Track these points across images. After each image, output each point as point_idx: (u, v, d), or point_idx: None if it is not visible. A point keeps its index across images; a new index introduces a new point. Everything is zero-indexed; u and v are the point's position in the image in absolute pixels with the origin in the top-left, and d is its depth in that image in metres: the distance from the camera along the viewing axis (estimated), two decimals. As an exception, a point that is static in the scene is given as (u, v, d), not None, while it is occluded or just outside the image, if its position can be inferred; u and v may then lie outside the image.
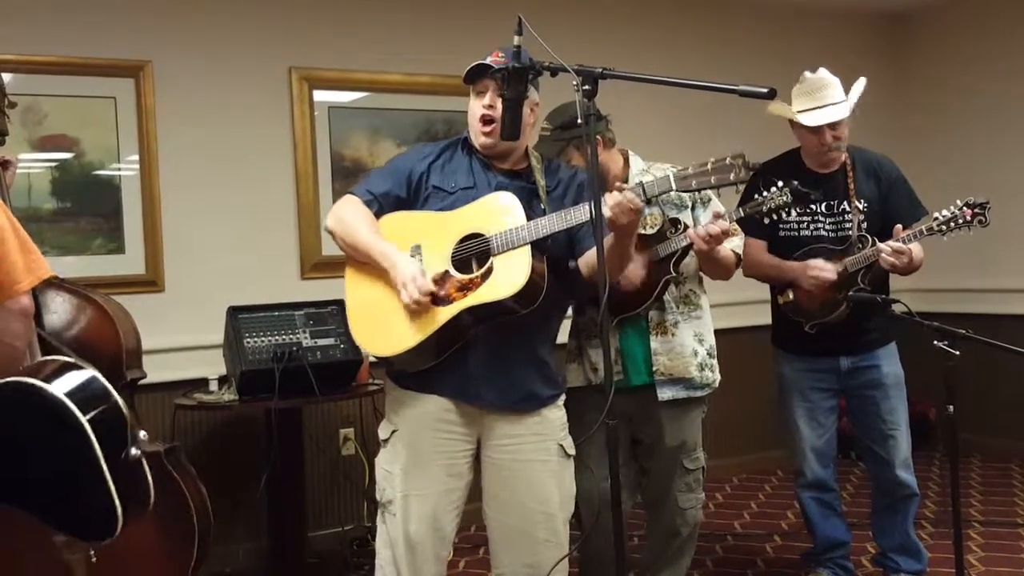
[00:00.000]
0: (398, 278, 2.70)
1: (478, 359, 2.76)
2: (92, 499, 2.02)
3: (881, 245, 3.55)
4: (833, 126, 3.66)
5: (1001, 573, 4.15)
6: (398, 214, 2.86)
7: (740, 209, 3.22)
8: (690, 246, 3.19)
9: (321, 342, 4.06)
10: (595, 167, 2.36)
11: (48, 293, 3.19)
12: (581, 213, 2.65)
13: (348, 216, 2.83)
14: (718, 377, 3.43)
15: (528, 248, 2.67)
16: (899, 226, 3.57)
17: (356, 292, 2.88)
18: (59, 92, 4.29)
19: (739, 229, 3.37)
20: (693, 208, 3.38)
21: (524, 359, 2.82)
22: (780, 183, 3.10)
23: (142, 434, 2.14)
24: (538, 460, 2.83)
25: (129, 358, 3.29)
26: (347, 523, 4.71)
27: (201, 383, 4.26)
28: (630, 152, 3.44)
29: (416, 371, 2.80)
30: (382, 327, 2.79)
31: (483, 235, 2.73)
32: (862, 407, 3.87)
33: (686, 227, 3.22)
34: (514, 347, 2.79)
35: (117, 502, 2.01)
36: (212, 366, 4.25)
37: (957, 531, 3.09)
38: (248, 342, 3.96)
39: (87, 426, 1.99)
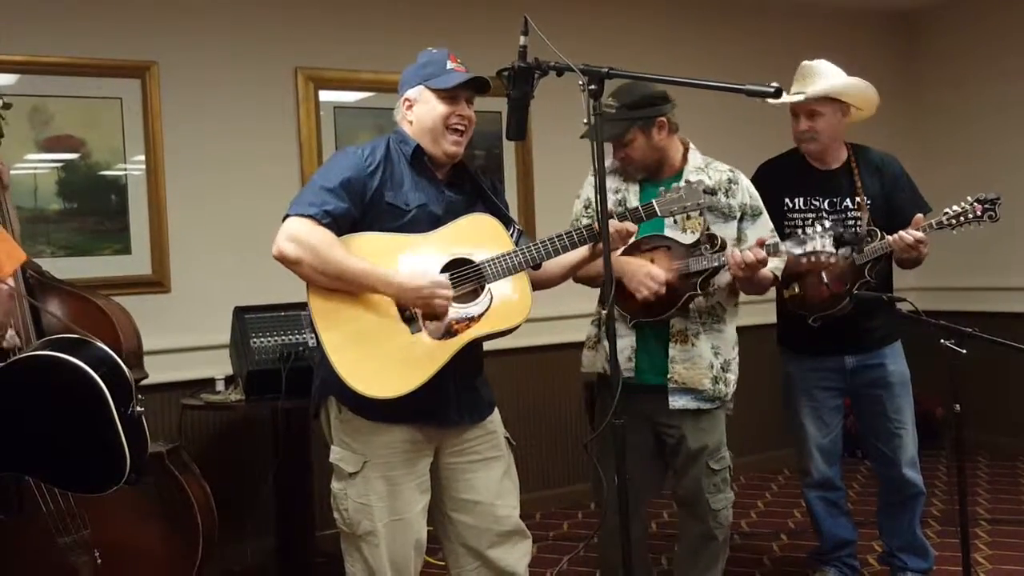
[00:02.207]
0: (420, 291, 2.57)
1: (452, 385, 2.72)
2: (105, 450, 2.29)
3: (903, 234, 3.51)
4: (811, 116, 3.67)
5: (1008, 571, 4.14)
6: (368, 238, 2.66)
7: (781, 244, 3.16)
8: (721, 267, 3.12)
9: (327, 342, 4.06)
10: (601, 167, 2.36)
11: (47, 294, 3.20)
12: (577, 238, 2.75)
13: (317, 242, 2.55)
14: (731, 390, 3.35)
15: (526, 275, 2.69)
16: (919, 216, 3.55)
17: (335, 327, 2.61)
18: (65, 93, 4.30)
19: (781, 251, 3.23)
20: (741, 219, 3.29)
21: (479, 372, 2.87)
22: (827, 224, 3.15)
23: (140, 396, 2.41)
24: (494, 456, 2.86)
25: (129, 358, 3.28)
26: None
27: (208, 383, 4.26)
28: (691, 145, 3.36)
29: (387, 403, 2.60)
30: (381, 366, 2.59)
31: (471, 261, 2.68)
32: (868, 406, 3.86)
33: (723, 245, 3.13)
34: (474, 364, 2.82)
35: (126, 449, 2.29)
36: (218, 366, 4.25)
37: (964, 529, 3.09)
38: (254, 342, 3.97)
39: (103, 385, 2.26)
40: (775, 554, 4.56)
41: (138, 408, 2.33)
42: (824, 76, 3.68)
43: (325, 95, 4.86)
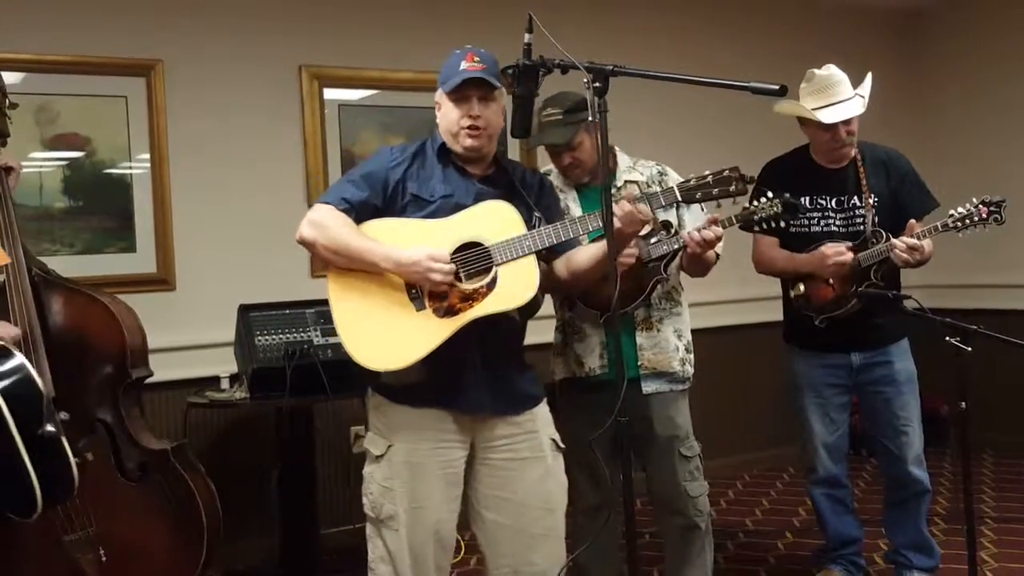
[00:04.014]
0: (417, 265, 2.62)
1: (475, 369, 2.73)
2: (7, 475, 2.02)
3: (895, 241, 3.53)
4: (847, 121, 3.66)
5: (1014, 569, 4.14)
6: (383, 222, 2.76)
7: (732, 217, 3.20)
8: (681, 249, 3.21)
9: (332, 340, 4.05)
10: (605, 162, 2.36)
11: (52, 292, 3.20)
12: (589, 222, 2.72)
13: (329, 223, 2.70)
14: (693, 370, 3.44)
15: (534, 258, 2.68)
16: (913, 221, 3.56)
17: (346, 303, 2.73)
18: (71, 91, 4.30)
19: (734, 223, 3.31)
20: (677, 207, 3.35)
21: (514, 362, 2.86)
22: (770, 194, 3.15)
23: (62, 415, 2.17)
24: (534, 457, 2.84)
25: (134, 357, 3.29)
26: (358, 521, 4.61)
27: (212, 381, 4.27)
28: (616, 148, 3.42)
29: (408, 384, 2.71)
30: (382, 340, 2.69)
31: (481, 244, 2.69)
32: (874, 403, 3.86)
33: (677, 231, 3.23)
34: (505, 352, 2.81)
35: (32, 475, 2.02)
36: (223, 364, 4.26)
37: (970, 527, 3.09)
38: (259, 340, 3.97)
39: None
40: (780, 552, 4.55)
41: (49, 428, 2.08)
42: (847, 82, 3.66)
43: (329, 93, 4.86)
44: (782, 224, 3.19)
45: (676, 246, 3.21)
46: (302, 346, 3.95)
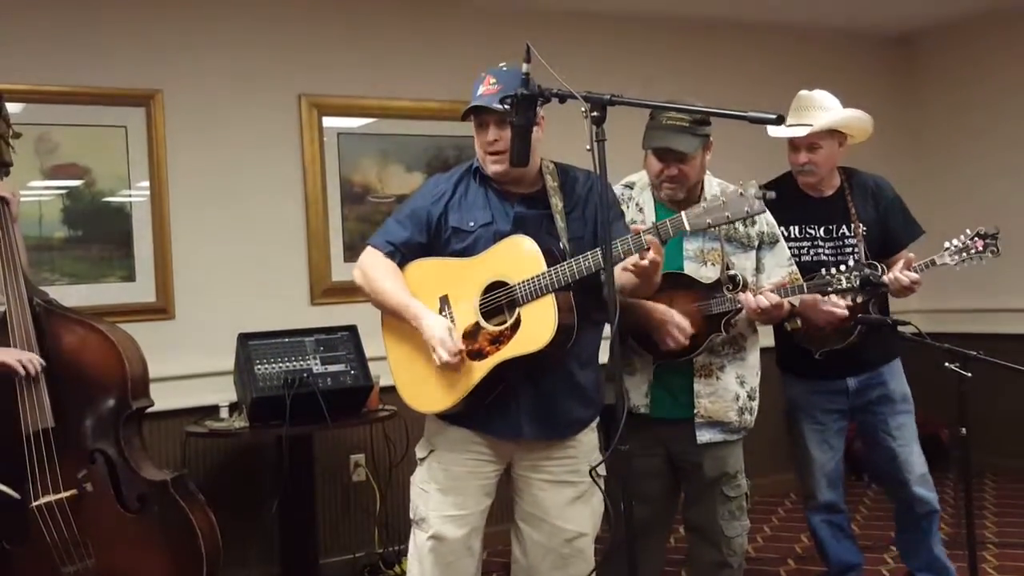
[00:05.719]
0: (428, 339, 2.71)
1: (520, 400, 2.77)
2: None
3: (899, 276, 3.49)
4: (811, 149, 3.66)
5: (1017, 595, 4.12)
6: (422, 263, 2.86)
7: (804, 286, 3.17)
8: (741, 309, 3.11)
9: (331, 368, 4.07)
10: (604, 188, 2.36)
11: (53, 322, 3.20)
12: (599, 259, 2.61)
13: (371, 272, 2.85)
14: (754, 418, 3.34)
15: (552, 298, 2.66)
16: (911, 255, 3.55)
17: (395, 348, 2.90)
18: (70, 121, 4.32)
19: (799, 276, 3.28)
20: (759, 248, 3.27)
21: (564, 388, 2.82)
22: (852, 263, 3.14)
23: None
24: (568, 481, 2.86)
25: (135, 387, 3.29)
26: (358, 550, 4.68)
27: (212, 410, 4.26)
28: (707, 172, 3.30)
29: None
30: (423, 385, 2.81)
31: (507, 283, 2.72)
32: (872, 425, 3.84)
33: (745, 285, 3.14)
34: (553, 379, 2.79)
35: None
36: (223, 393, 4.25)
37: (972, 552, 3.08)
38: (259, 369, 3.97)
39: None
40: (782, 579, 4.53)
41: None
42: (824, 108, 3.67)
43: (328, 121, 4.88)
44: (794, 232, 3.13)
45: (739, 305, 3.11)
46: (302, 374, 3.95)
